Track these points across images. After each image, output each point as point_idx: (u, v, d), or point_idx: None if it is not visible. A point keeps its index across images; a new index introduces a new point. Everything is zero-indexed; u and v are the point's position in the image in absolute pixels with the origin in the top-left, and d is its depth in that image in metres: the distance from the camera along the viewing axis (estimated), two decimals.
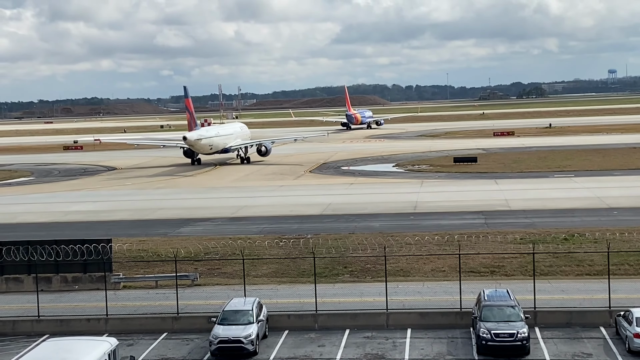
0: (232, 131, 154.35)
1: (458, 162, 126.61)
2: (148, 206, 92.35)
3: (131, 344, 42.28)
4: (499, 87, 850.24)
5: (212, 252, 59.61)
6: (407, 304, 46.27)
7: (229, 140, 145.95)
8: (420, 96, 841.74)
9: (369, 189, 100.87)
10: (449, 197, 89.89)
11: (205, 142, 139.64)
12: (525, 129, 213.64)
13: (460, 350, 39.74)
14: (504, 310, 39.91)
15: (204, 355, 40.31)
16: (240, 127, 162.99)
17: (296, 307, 46.13)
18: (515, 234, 64.47)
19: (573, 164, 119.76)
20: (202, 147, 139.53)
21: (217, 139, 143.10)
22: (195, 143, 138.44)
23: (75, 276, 53.38)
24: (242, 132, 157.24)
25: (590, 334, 41.39)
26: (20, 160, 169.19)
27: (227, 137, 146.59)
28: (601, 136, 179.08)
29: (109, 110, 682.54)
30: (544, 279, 50.03)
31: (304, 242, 62.07)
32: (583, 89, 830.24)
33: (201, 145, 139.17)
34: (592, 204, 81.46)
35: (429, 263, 55.78)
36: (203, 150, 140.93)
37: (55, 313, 47.14)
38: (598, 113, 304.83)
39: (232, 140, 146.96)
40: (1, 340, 43.94)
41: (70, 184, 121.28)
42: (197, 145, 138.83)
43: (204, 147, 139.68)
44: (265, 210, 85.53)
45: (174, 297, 46.47)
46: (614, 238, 57.80)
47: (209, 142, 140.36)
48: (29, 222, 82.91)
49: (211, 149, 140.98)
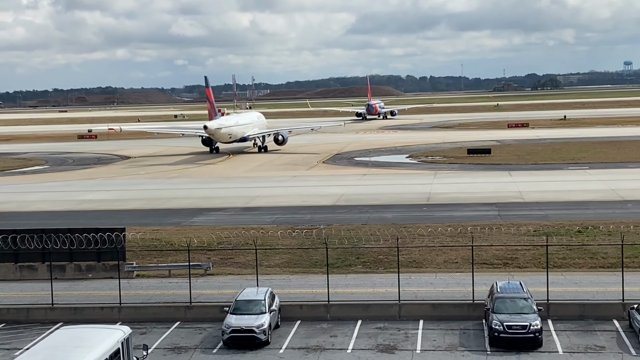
0: (250, 120, 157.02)
1: (472, 153, 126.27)
2: (162, 195, 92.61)
3: (144, 333, 42.47)
4: (514, 78, 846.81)
5: (225, 241, 59.73)
6: (419, 295, 46.25)
7: (247, 130, 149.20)
8: (434, 87, 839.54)
9: (382, 180, 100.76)
10: (462, 189, 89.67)
11: (225, 131, 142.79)
12: (540, 121, 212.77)
13: (472, 342, 39.70)
14: (517, 302, 39.84)
15: (216, 344, 40.44)
16: (257, 116, 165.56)
17: (308, 298, 46.19)
18: (529, 226, 64.28)
19: (587, 156, 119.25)
20: (221, 135, 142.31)
21: (236, 128, 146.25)
22: (216, 132, 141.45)
23: (89, 265, 53.65)
24: (259, 122, 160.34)
25: (604, 326, 41.25)
26: (35, 148, 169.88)
27: (245, 126, 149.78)
28: (616, 128, 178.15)
29: (123, 100, 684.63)
30: (557, 271, 49.91)
31: (317, 232, 62.11)
32: (598, 80, 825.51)
33: (221, 134, 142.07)
34: (606, 196, 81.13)
35: (442, 254, 55.72)
36: (222, 139, 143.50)
37: (69, 301, 47.41)
38: (613, 105, 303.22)
39: (250, 129, 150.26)
40: (15, 327, 44.22)
41: (85, 172, 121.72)
42: (217, 134, 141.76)
43: (223, 135, 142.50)
44: (278, 200, 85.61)
45: (186, 286, 46.61)
46: (628, 231, 57.60)
47: (228, 131, 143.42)
48: (43, 211, 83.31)
49: (230, 137, 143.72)
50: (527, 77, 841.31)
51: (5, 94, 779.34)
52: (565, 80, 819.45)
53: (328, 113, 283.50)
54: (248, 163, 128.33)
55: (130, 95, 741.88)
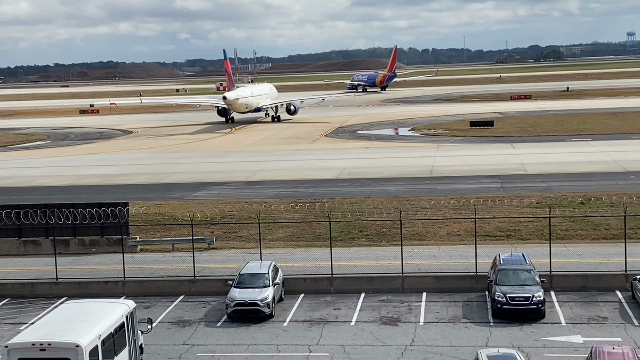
0: (264, 92, 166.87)
1: (474, 126, 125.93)
2: (164, 170, 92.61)
3: (148, 307, 42.67)
4: (517, 50, 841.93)
5: (228, 216, 59.81)
6: (422, 267, 46.38)
7: (261, 100, 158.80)
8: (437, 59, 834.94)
9: (385, 153, 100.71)
10: (465, 161, 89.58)
11: (242, 102, 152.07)
12: (543, 93, 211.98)
13: (475, 314, 39.85)
14: (520, 274, 39.95)
15: (220, 317, 40.62)
16: (269, 88, 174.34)
17: (312, 271, 46.33)
18: (532, 197, 64.28)
19: (590, 128, 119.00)
20: (239, 106, 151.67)
21: (252, 98, 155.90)
22: (234, 102, 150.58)
23: (93, 239, 53.80)
24: (272, 93, 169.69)
25: (606, 297, 41.37)
26: (37, 124, 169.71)
27: (259, 97, 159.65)
28: (619, 99, 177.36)
29: (124, 75, 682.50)
30: (560, 243, 49.93)
31: (320, 206, 62.16)
32: (601, 51, 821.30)
33: (238, 104, 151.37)
34: (609, 167, 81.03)
35: (445, 227, 55.79)
36: (239, 109, 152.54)
37: (73, 276, 47.61)
38: (616, 76, 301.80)
39: (263, 100, 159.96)
40: (20, 302, 44.46)
41: (87, 147, 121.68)
42: (235, 104, 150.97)
43: (240, 106, 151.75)
44: (281, 174, 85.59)
45: (190, 260, 46.76)
46: (631, 202, 57.55)
47: (245, 101, 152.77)
48: (46, 186, 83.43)
49: (246, 107, 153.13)
50: (530, 49, 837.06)
51: (6, 69, 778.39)
52: (567, 51, 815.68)
53: (330, 87, 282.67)
54: (251, 137, 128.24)
55: (131, 70, 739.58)
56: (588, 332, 36.80)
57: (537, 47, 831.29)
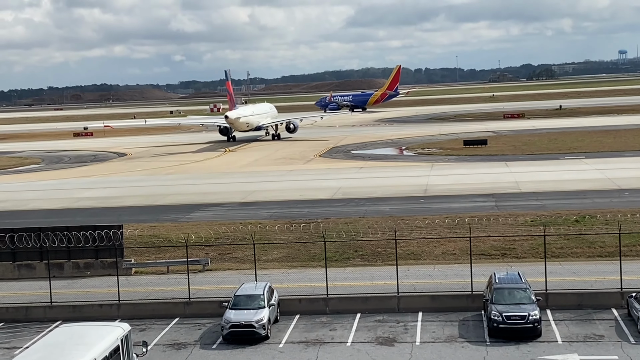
0: (264, 111, 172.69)
1: (468, 144, 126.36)
2: (158, 192, 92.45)
3: (143, 329, 42.47)
4: (509, 69, 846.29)
5: (223, 237, 59.70)
6: (418, 287, 46.27)
7: (262, 119, 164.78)
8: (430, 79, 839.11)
9: (379, 173, 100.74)
10: (459, 180, 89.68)
11: (243, 120, 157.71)
12: (536, 111, 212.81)
13: (471, 333, 39.74)
14: (516, 293, 39.88)
15: (215, 339, 40.44)
16: (270, 107, 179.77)
17: (307, 291, 46.21)
18: (526, 216, 64.30)
19: (584, 146, 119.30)
20: (240, 124, 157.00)
21: (253, 117, 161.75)
22: (235, 121, 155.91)
23: (87, 262, 53.62)
24: (271, 112, 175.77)
25: (602, 315, 41.29)
26: (31, 147, 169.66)
27: (260, 116, 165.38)
28: (612, 117, 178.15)
29: (118, 97, 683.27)
30: (555, 261, 49.95)
31: (314, 226, 62.09)
32: (593, 70, 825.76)
33: (240, 123, 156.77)
34: (603, 185, 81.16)
35: (440, 246, 55.74)
36: (241, 128, 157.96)
37: (68, 299, 47.37)
38: (609, 94, 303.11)
39: (264, 119, 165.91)
40: (14, 326, 44.19)
41: (81, 170, 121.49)
42: (237, 123, 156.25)
43: (241, 124, 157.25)
44: (276, 195, 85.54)
45: (185, 282, 46.58)
46: (625, 219, 57.62)
47: (246, 120, 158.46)
48: (40, 209, 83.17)
49: (247, 126, 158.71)
50: (522, 68, 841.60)
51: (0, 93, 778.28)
52: (560, 69, 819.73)
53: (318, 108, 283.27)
54: (244, 157, 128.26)
55: (125, 92, 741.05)
56: (584, 351, 36.70)
57: (529, 66, 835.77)
